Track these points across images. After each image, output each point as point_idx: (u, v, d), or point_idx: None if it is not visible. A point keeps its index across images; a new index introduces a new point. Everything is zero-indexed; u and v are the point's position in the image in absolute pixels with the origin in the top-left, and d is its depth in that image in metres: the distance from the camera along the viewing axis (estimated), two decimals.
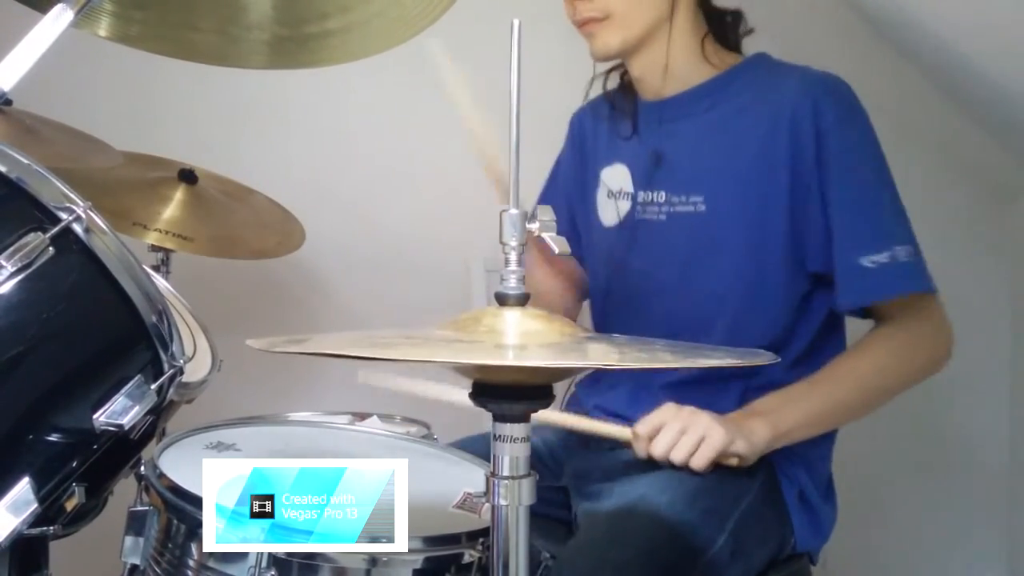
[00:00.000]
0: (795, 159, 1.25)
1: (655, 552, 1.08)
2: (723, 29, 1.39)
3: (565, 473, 1.36)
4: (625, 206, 1.40)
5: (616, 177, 1.42)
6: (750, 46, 1.39)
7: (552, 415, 1.26)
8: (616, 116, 1.45)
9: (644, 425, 1.20)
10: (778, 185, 1.26)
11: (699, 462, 1.16)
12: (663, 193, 1.35)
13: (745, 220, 1.28)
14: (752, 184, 1.27)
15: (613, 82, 1.47)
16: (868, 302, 1.26)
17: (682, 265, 1.33)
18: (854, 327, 1.34)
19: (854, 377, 1.26)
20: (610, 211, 1.43)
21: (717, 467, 1.18)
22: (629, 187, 1.40)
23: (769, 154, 1.26)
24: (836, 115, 1.24)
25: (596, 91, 1.50)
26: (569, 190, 1.51)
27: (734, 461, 1.19)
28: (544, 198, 1.56)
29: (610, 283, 1.44)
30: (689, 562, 1.11)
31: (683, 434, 1.17)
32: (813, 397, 1.25)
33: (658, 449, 1.17)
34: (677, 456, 1.16)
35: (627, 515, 1.14)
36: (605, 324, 1.46)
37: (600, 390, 1.41)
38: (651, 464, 1.20)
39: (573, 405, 1.46)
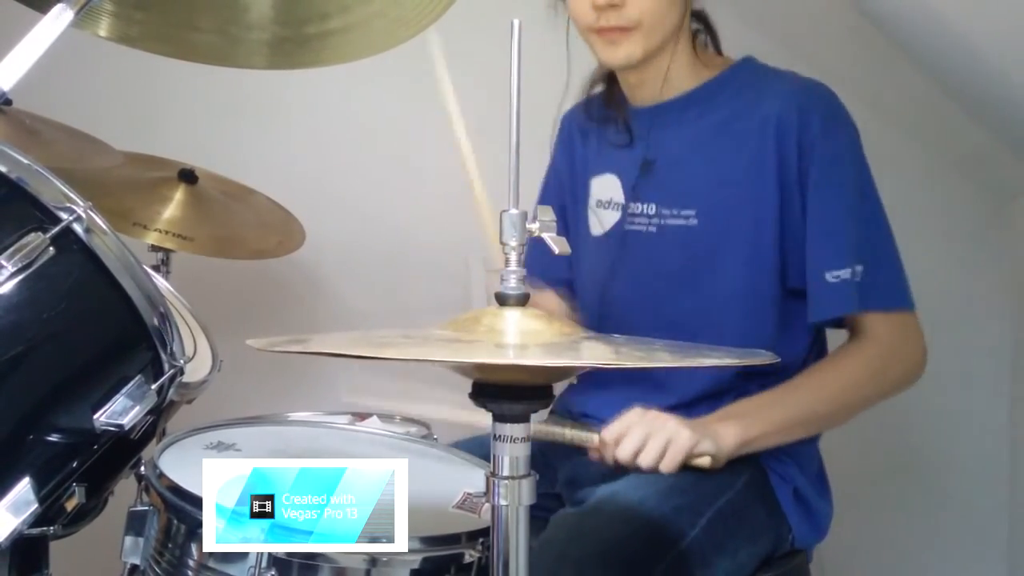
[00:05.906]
0: (782, 172, 1.24)
1: (617, 547, 1.08)
2: (699, 32, 1.37)
3: (559, 480, 1.35)
4: (614, 216, 1.38)
5: (606, 187, 1.41)
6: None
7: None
8: (607, 124, 1.42)
9: (610, 431, 1.18)
10: (769, 199, 1.25)
11: (667, 466, 1.14)
12: (653, 205, 1.33)
13: (738, 235, 1.27)
14: (744, 198, 1.26)
15: (597, 88, 1.45)
16: (829, 316, 1.26)
17: (673, 279, 1.32)
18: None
19: (828, 389, 1.26)
20: (598, 221, 1.41)
21: (690, 470, 1.17)
22: (619, 197, 1.38)
23: (758, 167, 1.25)
24: (820, 127, 1.23)
25: (574, 93, 1.46)
26: (563, 196, 1.49)
27: (705, 461, 1.18)
28: (541, 203, 1.55)
29: (600, 295, 1.41)
30: (654, 557, 1.10)
31: (649, 438, 1.15)
32: (786, 406, 1.24)
33: (623, 454, 1.15)
34: (644, 461, 1.15)
35: (593, 513, 1.13)
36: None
37: (594, 393, 1.40)
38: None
39: (562, 407, 1.44)
